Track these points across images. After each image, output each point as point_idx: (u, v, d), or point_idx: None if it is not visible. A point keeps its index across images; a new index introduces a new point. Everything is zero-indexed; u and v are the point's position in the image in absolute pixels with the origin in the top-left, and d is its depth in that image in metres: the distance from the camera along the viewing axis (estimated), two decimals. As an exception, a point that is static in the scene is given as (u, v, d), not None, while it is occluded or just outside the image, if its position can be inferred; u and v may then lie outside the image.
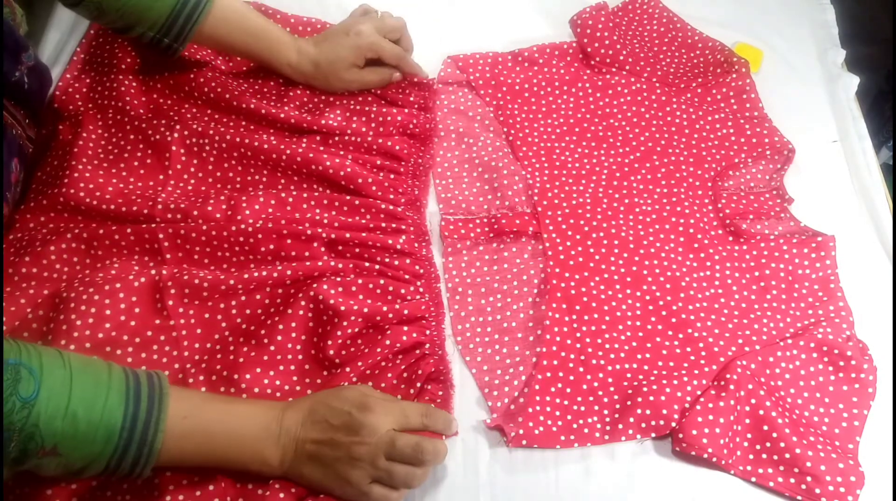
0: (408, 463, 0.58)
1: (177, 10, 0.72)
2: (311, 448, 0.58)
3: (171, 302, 0.66)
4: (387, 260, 0.71)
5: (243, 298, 0.68)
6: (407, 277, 0.71)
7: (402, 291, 0.70)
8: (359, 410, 0.58)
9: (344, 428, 0.57)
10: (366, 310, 0.66)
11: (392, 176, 0.77)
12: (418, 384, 0.66)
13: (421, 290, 0.71)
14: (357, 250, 0.71)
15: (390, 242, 0.72)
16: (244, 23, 0.77)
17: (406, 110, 0.81)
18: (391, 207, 0.74)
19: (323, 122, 0.79)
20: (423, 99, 0.83)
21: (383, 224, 0.73)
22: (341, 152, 0.77)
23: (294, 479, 0.59)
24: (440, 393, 0.66)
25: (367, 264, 0.70)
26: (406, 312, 0.68)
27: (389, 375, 0.65)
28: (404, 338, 0.66)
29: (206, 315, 0.67)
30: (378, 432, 0.58)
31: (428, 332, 0.68)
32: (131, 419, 0.51)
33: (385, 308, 0.67)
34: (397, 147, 0.78)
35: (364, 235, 0.71)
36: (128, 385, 0.52)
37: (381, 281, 0.69)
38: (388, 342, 0.65)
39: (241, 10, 0.77)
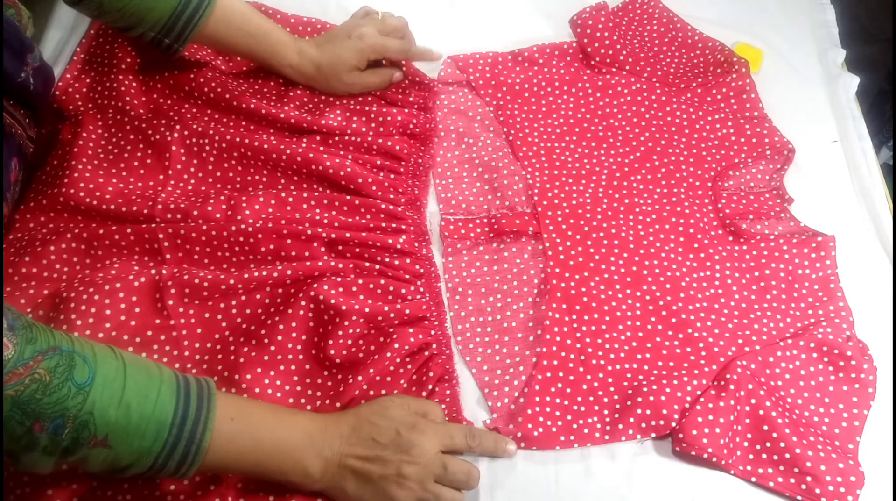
0: (456, 488, 0.58)
1: (178, 11, 0.71)
2: (356, 463, 0.57)
3: (171, 302, 0.66)
4: (387, 260, 0.71)
5: (243, 298, 0.68)
6: (407, 276, 0.71)
7: (403, 290, 0.70)
8: (408, 429, 0.58)
9: (393, 446, 0.57)
10: (367, 310, 0.66)
11: (392, 176, 0.77)
12: (430, 386, 0.66)
13: (421, 289, 0.71)
14: (357, 249, 0.71)
15: (390, 241, 0.72)
16: (245, 24, 0.76)
17: (406, 110, 0.81)
18: (391, 206, 0.74)
19: (323, 122, 0.79)
20: (423, 99, 0.83)
21: (383, 224, 0.73)
22: (341, 152, 0.77)
23: (333, 494, 0.59)
24: (448, 393, 0.66)
25: (367, 264, 0.70)
26: (407, 311, 0.68)
27: (402, 381, 0.65)
28: (411, 340, 0.66)
29: (206, 315, 0.67)
30: (428, 453, 0.58)
31: (433, 332, 0.68)
32: (181, 414, 0.51)
33: (386, 308, 0.67)
34: (397, 147, 0.78)
35: (364, 234, 0.71)
36: (178, 383, 0.52)
37: (382, 281, 0.69)
38: (396, 346, 0.65)
39: (243, 10, 0.77)
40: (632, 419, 0.65)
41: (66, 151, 0.75)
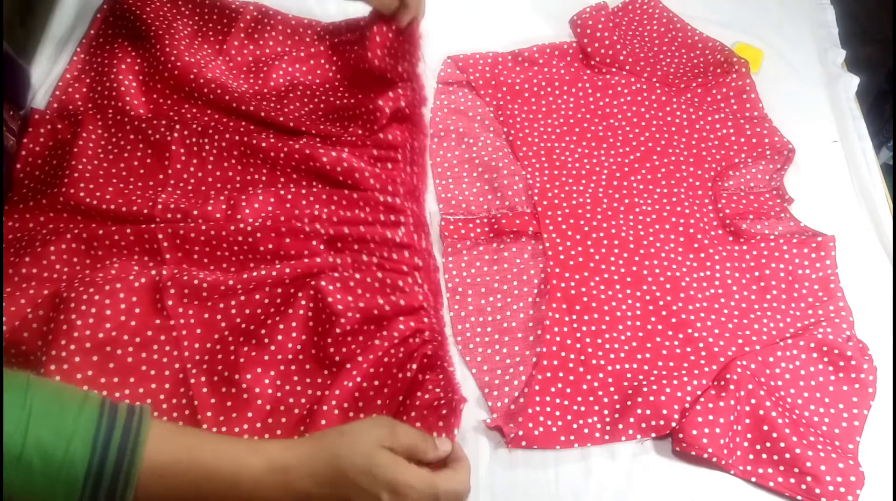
0: None
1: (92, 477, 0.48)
2: None
3: (170, 302, 0.66)
4: (385, 254, 0.71)
5: (243, 298, 0.68)
6: (405, 268, 0.71)
7: (400, 282, 0.70)
8: (392, 494, 0.52)
9: None
10: (362, 305, 0.66)
11: (389, 165, 0.77)
12: (421, 374, 0.65)
13: (419, 281, 0.71)
14: (356, 245, 0.72)
15: (389, 235, 0.72)
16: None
17: (391, 94, 0.79)
18: (390, 199, 0.74)
19: (322, 126, 0.79)
20: (410, 68, 0.81)
21: (382, 217, 0.73)
22: (338, 147, 0.77)
23: None
24: (441, 377, 0.66)
25: (365, 257, 0.70)
26: (402, 302, 0.68)
27: (394, 370, 0.65)
28: (402, 327, 0.66)
29: (206, 315, 0.67)
30: None
31: (426, 320, 0.68)
32: (94, 478, 0.45)
33: (381, 301, 0.67)
34: (390, 136, 0.78)
35: (363, 229, 0.71)
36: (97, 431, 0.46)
37: (379, 274, 0.69)
38: (385, 333, 0.65)
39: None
40: (632, 419, 0.65)
41: (65, 151, 0.75)
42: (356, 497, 0.53)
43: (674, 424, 0.65)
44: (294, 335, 0.66)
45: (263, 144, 0.75)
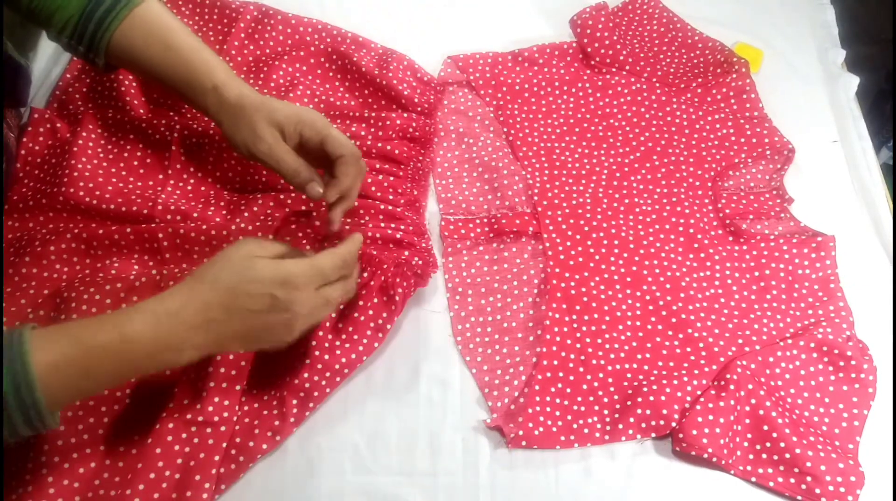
0: (336, 285, 0.58)
1: (88, 10, 0.63)
2: (236, 336, 0.54)
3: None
4: (385, 254, 0.71)
5: None
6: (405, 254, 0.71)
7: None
8: (281, 287, 0.53)
9: (275, 311, 0.54)
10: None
11: (391, 178, 0.77)
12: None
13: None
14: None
15: (390, 232, 0.72)
16: (167, 35, 0.65)
17: (405, 114, 0.80)
18: (390, 207, 0.74)
19: None
20: (428, 101, 0.82)
21: (382, 225, 0.73)
22: None
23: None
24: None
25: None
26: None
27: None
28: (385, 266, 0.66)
29: None
30: (308, 301, 0.55)
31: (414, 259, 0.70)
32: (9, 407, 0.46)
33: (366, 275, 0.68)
34: (396, 151, 0.78)
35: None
36: None
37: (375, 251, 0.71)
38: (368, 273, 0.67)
39: (168, 23, 0.65)
40: (632, 419, 0.65)
41: (65, 150, 0.75)
42: (254, 314, 0.53)
43: (674, 424, 0.65)
44: None
45: None
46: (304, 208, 0.73)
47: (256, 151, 0.64)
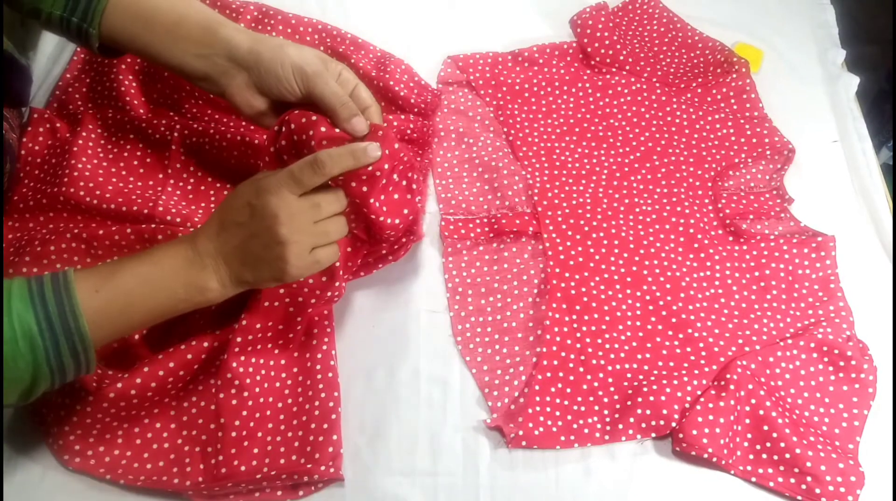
0: (327, 192, 0.58)
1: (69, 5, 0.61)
2: (236, 253, 0.57)
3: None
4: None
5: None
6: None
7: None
8: (255, 196, 0.56)
9: (254, 219, 0.56)
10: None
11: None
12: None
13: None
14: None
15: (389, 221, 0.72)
16: (151, 14, 0.62)
17: (402, 116, 0.80)
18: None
19: (323, 129, 0.79)
20: (426, 102, 0.82)
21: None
22: None
23: (245, 289, 0.59)
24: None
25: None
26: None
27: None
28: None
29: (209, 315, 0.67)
30: (289, 205, 0.56)
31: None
32: (44, 317, 0.49)
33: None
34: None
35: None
36: (30, 288, 0.50)
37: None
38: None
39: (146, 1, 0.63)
40: (632, 419, 0.65)
41: (65, 150, 0.75)
42: (241, 226, 0.56)
43: (674, 424, 0.65)
44: (299, 328, 0.66)
45: (264, 145, 0.75)
46: None
47: (283, 95, 0.62)
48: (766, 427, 0.65)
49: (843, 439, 0.66)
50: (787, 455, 0.64)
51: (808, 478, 0.63)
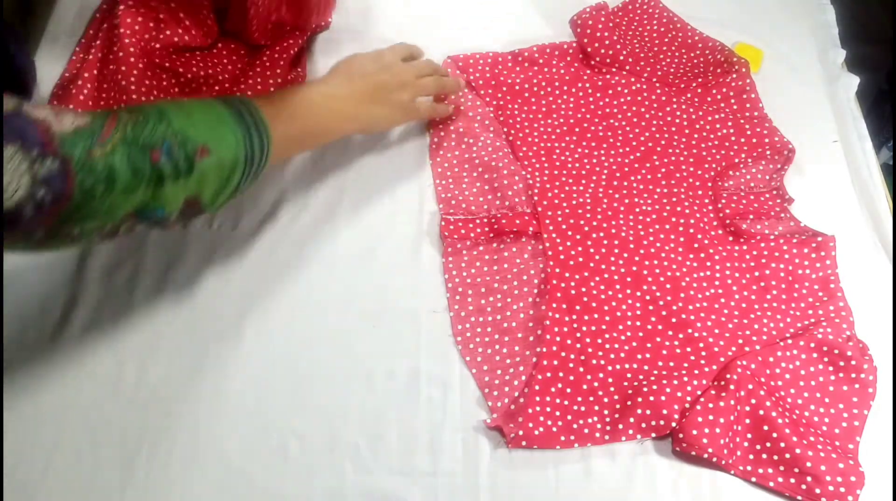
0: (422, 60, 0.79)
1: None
2: (366, 84, 0.71)
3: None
4: None
5: None
6: None
7: None
8: (377, 56, 0.74)
9: (381, 70, 0.72)
10: None
11: None
12: None
13: None
14: None
15: None
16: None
17: None
18: None
19: None
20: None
21: None
22: None
23: (369, 124, 0.73)
24: None
25: None
26: None
27: None
28: None
29: None
30: (404, 71, 0.74)
31: None
32: (238, 101, 0.58)
33: None
34: None
35: None
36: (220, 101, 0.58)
37: None
38: None
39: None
40: (632, 420, 0.65)
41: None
42: (363, 67, 0.72)
43: (674, 424, 0.65)
44: None
45: None
46: None
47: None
48: (766, 427, 0.65)
49: (843, 439, 0.66)
50: (787, 455, 0.64)
51: (808, 478, 0.63)
